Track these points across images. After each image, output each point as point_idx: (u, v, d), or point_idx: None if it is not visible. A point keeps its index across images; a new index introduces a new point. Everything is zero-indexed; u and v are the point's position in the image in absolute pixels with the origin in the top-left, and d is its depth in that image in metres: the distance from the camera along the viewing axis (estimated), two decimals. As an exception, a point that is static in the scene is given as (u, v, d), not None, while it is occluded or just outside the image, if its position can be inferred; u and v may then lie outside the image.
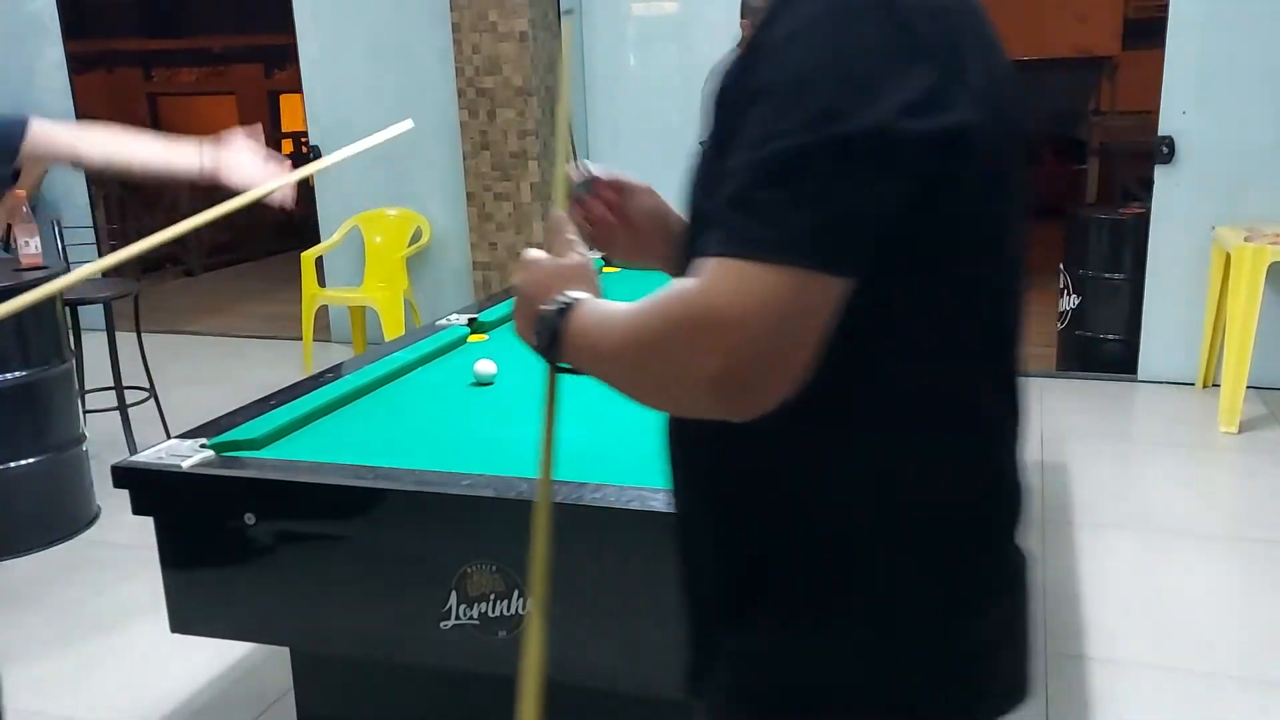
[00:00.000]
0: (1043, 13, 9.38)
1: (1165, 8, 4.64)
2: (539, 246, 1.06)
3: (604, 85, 5.49)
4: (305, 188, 9.42)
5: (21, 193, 4.01)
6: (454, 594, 1.60)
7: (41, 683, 2.67)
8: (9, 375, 3.35)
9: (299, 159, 11.20)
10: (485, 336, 2.67)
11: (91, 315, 4.19)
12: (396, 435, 1.96)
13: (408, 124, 2.01)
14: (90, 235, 6.19)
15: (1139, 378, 4.99)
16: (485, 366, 2.26)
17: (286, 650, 2.01)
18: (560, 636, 1.59)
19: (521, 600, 1.57)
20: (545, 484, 1.06)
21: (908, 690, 0.95)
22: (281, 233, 9.67)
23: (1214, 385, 4.70)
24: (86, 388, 4.20)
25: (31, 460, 3.42)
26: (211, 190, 1.84)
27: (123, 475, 1.75)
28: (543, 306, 0.95)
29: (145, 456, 1.79)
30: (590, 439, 1.93)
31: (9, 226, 4.30)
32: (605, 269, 2.59)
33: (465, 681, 1.89)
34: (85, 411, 4.01)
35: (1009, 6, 4.35)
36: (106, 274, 4.30)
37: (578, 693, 1.66)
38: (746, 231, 0.80)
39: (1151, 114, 4.81)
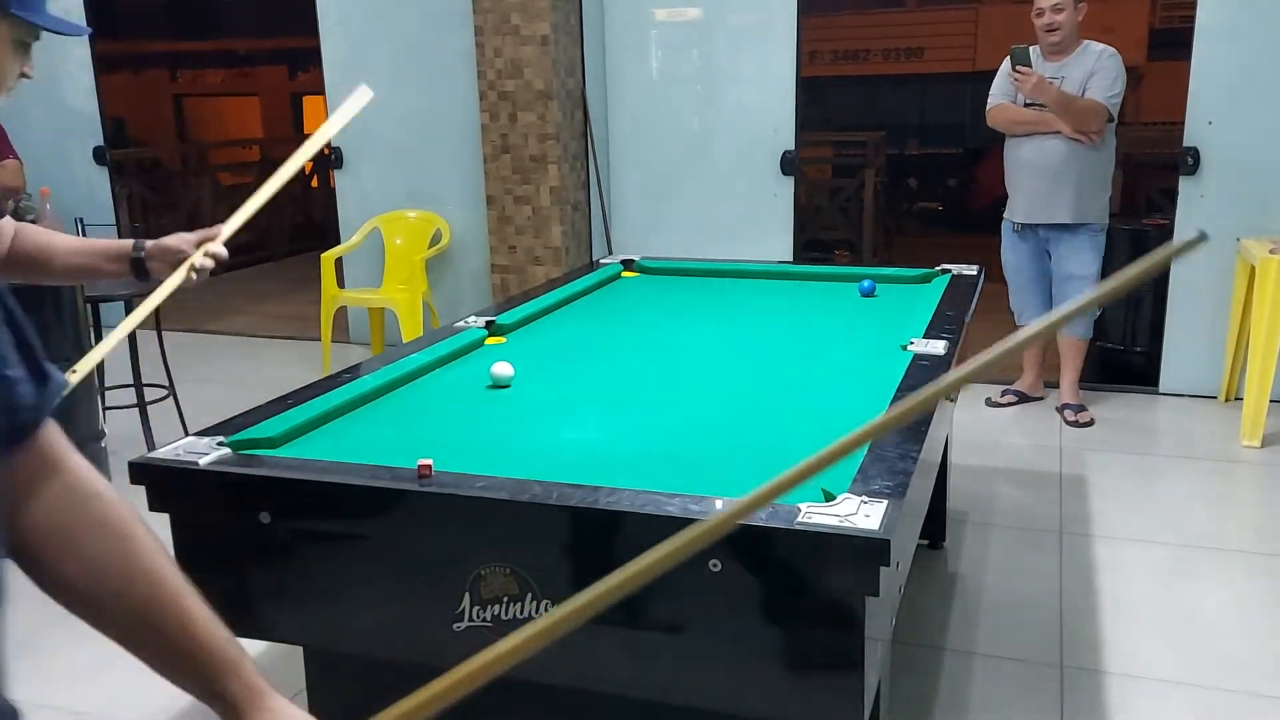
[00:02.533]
0: (1067, 22, 9.34)
1: (1191, 18, 4.61)
2: None
3: (626, 89, 5.50)
4: (326, 190, 9.48)
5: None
6: (467, 596, 1.60)
7: (54, 677, 2.68)
8: (30, 371, 3.36)
9: (321, 161, 11.27)
10: (503, 339, 2.68)
11: (112, 313, 4.21)
12: (412, 436, 1.96)
13: (365, 92, 2.00)
14: (114, 234, 6.23)
15: (1160, 390, 4.94)
16: (502, 369, 2.26)
17: (299, 649, 2.01)
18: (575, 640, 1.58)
19: (535, 603, 1.57)
20: None
21: None
22: (302, 234, 9.73)
23: (1236, 399, 4.65)
24: (106, 385, 4.22)
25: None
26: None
27: (139, 472, 1.75)
28: None
29: (162, 453, 1.79)
30: (606, 443, 1.92)
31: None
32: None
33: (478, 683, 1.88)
34: (105, 408, 4.04)
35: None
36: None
37: (582, 695, 1.65)
38: None
39: (1176, 125, 4.77)
